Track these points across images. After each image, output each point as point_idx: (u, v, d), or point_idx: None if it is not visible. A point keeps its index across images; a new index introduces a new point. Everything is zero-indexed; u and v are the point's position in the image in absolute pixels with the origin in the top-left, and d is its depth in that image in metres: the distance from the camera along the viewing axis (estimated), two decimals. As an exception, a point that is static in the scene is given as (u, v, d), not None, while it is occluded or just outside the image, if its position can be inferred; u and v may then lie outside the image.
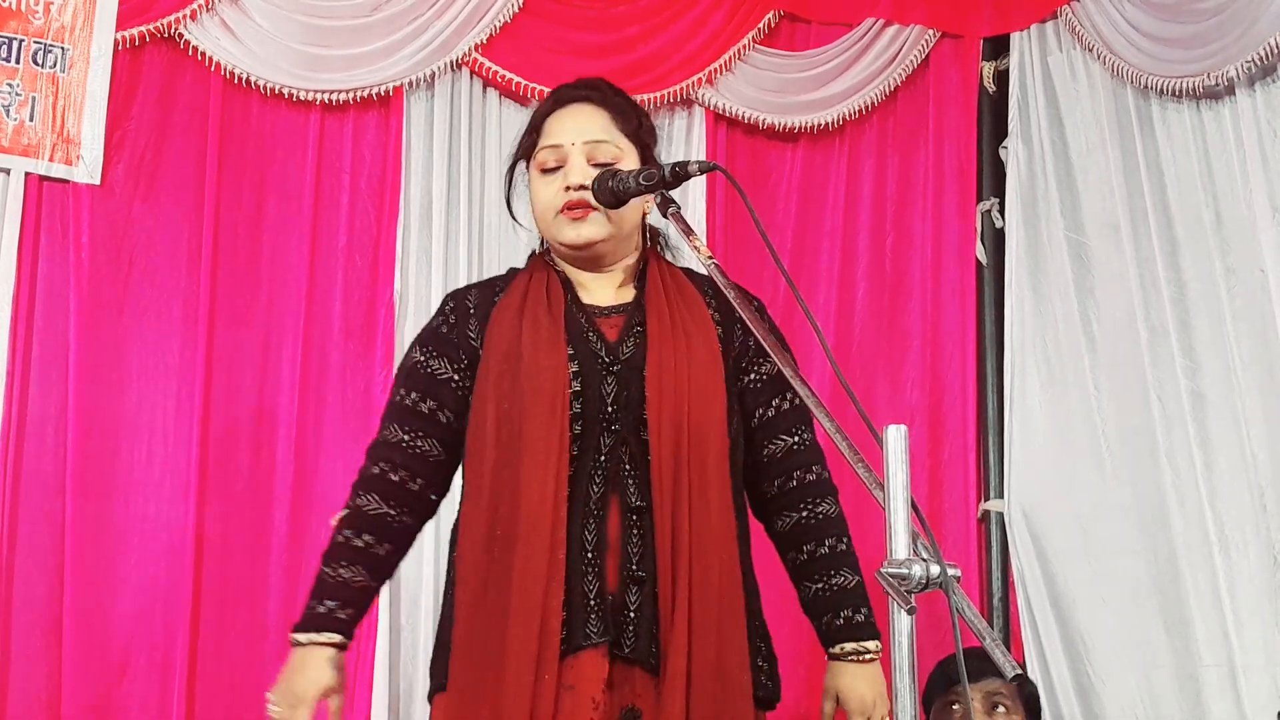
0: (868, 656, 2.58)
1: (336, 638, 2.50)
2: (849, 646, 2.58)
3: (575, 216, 2.56)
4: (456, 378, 2.57)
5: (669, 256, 2.76)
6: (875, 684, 2.57)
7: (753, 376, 2.66)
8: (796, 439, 2.66)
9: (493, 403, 2.50)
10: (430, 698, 2.55)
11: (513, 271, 2.74)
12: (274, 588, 3.89)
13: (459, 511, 2.57)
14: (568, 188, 2.57)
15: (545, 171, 2.62)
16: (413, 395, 2.58)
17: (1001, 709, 3.43)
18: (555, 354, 2.50)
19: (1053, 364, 4.49)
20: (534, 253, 2.76)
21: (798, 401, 2.68)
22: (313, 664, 2.48)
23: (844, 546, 2.65)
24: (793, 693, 4.11)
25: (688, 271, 2.74)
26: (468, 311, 2.63)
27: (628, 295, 2.64)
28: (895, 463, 1.77)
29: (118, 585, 3.78)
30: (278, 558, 3.90)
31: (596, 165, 2.59)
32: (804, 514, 2.64)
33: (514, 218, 2.76)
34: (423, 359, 2.61)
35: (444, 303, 2.71)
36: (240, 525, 3.91)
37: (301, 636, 2.51)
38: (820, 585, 2.61)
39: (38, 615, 3.68)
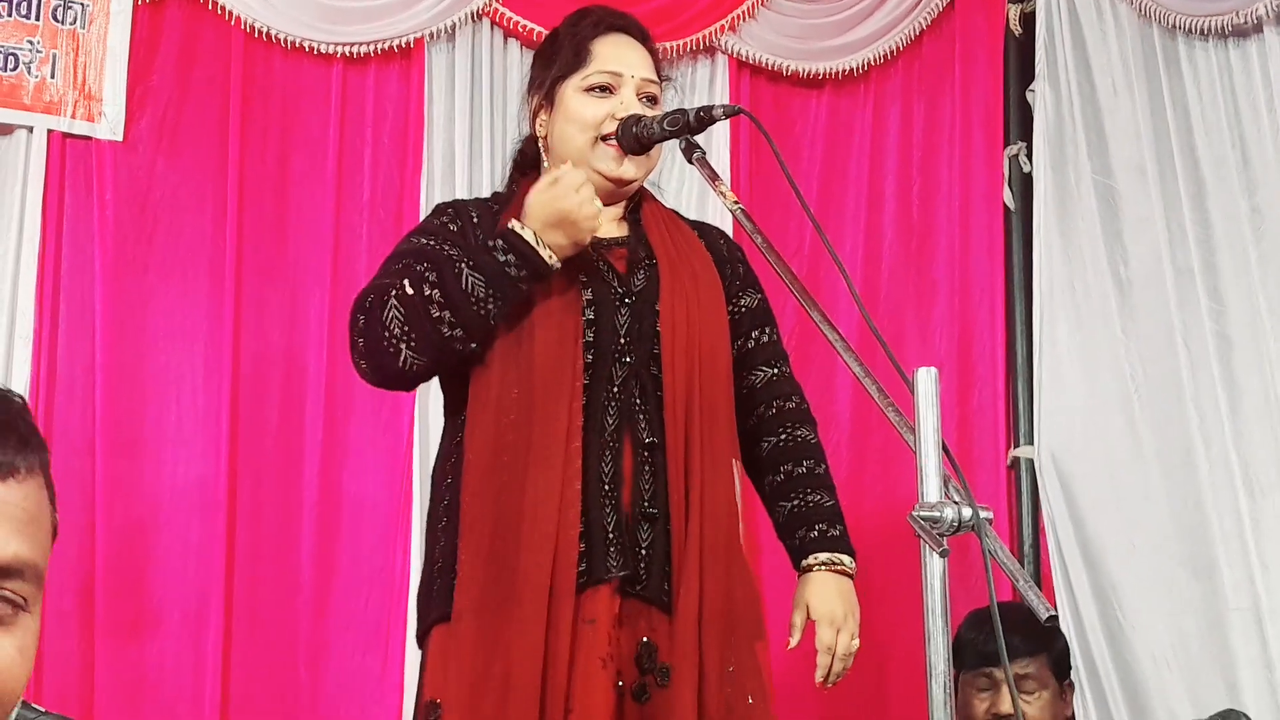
0: (840, 567, 2.56)
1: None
2: (822, 556, 2.57)
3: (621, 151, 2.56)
4: None
5: (656, 195, 2.76)
6: (846, 597, 2.55)
7: (732, 309, 2.66)
8: (775, 370, 2.69)
9: (499, 323, 2.47)
10: (427, 631, 2.48)
11: (500, 194, 2.72)
12: (306, 542, 3.90)
13: (452, 437, 2.54)
14: (622, 117, 2.56)
15: (592, 91, 2.60)
16: (425, 265, 2.47)
17: (1026, 693, 3.42)
18: (568, 280, 2.49)
19: (1081, 309, 4.46)
20: (514, 173, 2.74)
21: (775, 336, 2.72)
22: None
23: (821, 470, 2.66)
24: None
25: (675, 211, 2.75)
26: (471, 220, 2.58)
27: (623, 229, 2.64)
28: (925, 405, 1.76)
29: (149, 543, 3.79)
30: (309, 512, 3.91)
31: (643, 101, 2.59)
32: (783, 437, 2.65)
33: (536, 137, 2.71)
34: (433, 244, 2.52)
35: (440, 209, 2.66)
36: (271, 481, 3.91)
37: (504, 249, 2.41)
38: (796, 503, 2.61)
39: (69, 575, 3.69)
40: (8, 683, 1.16)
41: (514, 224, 2.44)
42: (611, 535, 2.42)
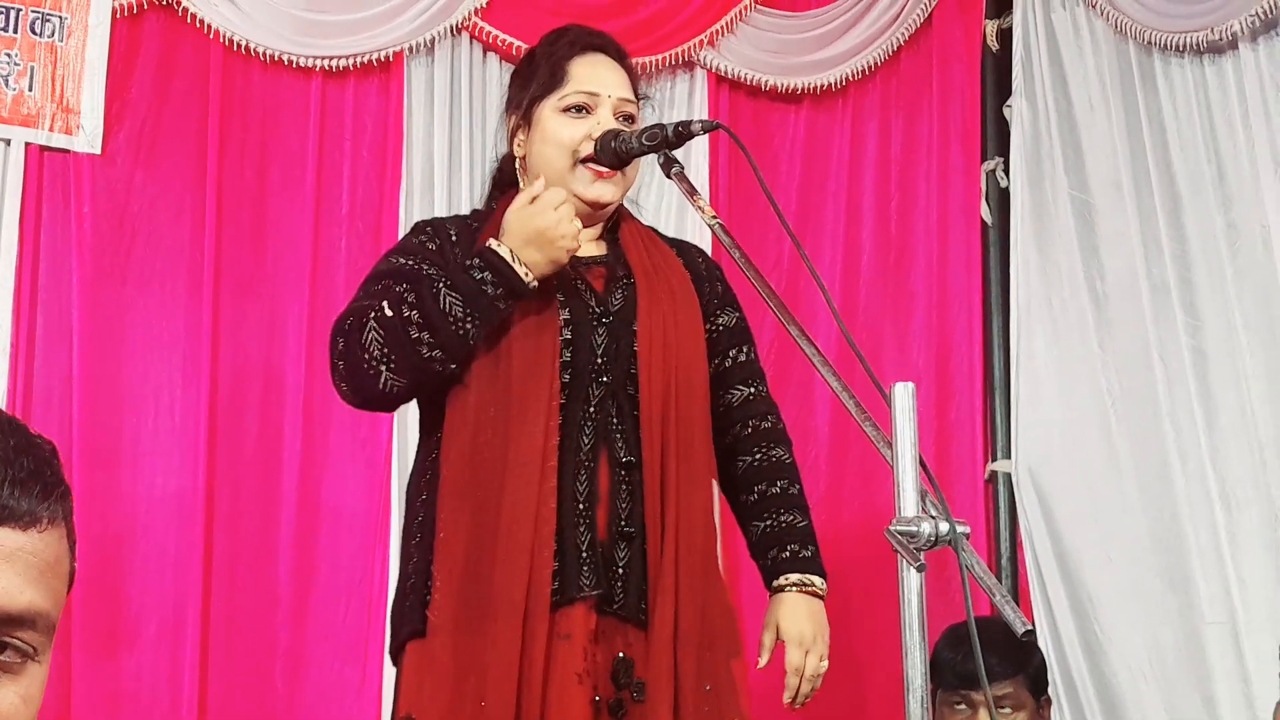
0: (811, 589, 2.58)
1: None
2: (793, 577, 2.58)
3: (601, 175, 2.56)
4: None
5: (635, 212, 2.76)
6: (816, 618, 2.56)
7: (709, 327, 2.67)
8: (752, 389, 2.70)
9: (479, 343, 2.47)
10: (401, 647, 2.49)
11: (479, 211, 2.72)
12: (284, 554, 3.89)
13: (427, 455, 2.54)
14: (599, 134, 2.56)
15: (569, 111, 2.59)
16: (404, 286, 2.48)
17: (1002, 710, 3.43)
18: (545, 300, 2.49)
19: (1058, 323, 4.47)
20: (493, 190, 2.75)
21: (753, 355, 2.73)
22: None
23: (795, 490, 2.67)
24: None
25: (653, 229, 2.75)
26: (450, 238, 2.58)
27: (601, 248, 2.64)
28: (903, 420, 1.76)
29: (127, 555, 3.78)
30: (287, 524, 3.90)
31: (620, 121, 2.60)
32: (758, 457, 2.66)
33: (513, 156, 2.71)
34: (413, 264, 2.52)
35: (419, 227, 2.65)
36: (249, 492, 3.90)
37: (480, 267, 2.43)
38: (769, 523, 2.63)
39: (47, 586, 3.67)
40: None
41: (491, 242, 2.44)
42: (585, 554, 2.42)
